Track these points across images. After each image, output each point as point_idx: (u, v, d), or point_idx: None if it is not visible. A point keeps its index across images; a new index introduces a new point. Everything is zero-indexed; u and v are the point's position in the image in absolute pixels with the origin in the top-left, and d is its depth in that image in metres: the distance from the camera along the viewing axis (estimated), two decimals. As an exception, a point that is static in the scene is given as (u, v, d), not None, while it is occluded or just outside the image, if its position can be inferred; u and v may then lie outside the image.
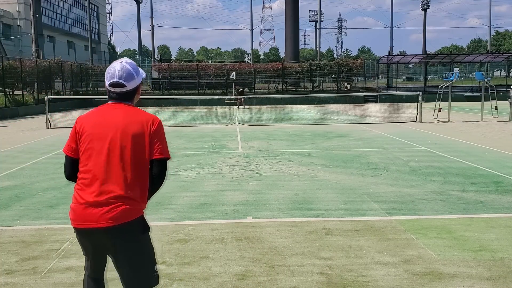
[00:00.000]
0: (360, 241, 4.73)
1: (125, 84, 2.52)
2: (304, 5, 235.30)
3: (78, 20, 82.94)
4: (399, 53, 77.16)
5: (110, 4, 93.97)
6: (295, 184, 7.40)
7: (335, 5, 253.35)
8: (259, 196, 6.66)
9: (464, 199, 6.36)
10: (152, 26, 58.27)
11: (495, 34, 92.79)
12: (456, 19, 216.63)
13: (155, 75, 38.86)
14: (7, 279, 3.90)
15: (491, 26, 61.59)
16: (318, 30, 66.59)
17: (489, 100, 19.84)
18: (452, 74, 21.13)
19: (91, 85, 38.08)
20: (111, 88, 2.54)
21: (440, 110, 19.29)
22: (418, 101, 18.94)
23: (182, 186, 7.37)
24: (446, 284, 3.73)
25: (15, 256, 4.41)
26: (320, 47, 64.99)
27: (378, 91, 36.84)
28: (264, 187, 7.21)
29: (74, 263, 4.19)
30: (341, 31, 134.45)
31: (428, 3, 62.75)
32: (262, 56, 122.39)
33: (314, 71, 37.45)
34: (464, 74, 47.39)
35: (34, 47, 38.01)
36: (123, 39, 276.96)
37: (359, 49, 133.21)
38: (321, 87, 41.08)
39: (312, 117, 22.05)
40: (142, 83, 2.66)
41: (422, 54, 50.37)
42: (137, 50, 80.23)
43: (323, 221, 5.43)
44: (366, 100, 34.52)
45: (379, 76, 42.82)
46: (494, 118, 19.01)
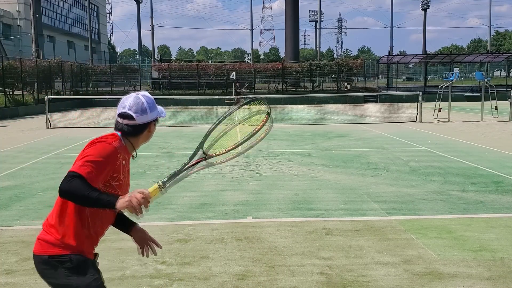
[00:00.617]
0: (360, 241, 4.73)
1: (134, 116, 2.25)
2: (304, 5, 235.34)
3: (78, 20, 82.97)
4: (399, 53, 77.19)
5: (110, 4, 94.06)
6: (295, 184, 7.40)
7: (335, 5, 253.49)
8: (259, 196, 6.66)
9: (464, 199, 6.36)
10: (152, 26, 58.34)
11: (495, 34, 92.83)
12: (456, 19, 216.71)
13: (155, 75, 38.86)
14: (7, 279, 3.90)
15: (491, 26, 61.79)
16: (318, 30, 66.69)
17: (489, 100, 19.85)
18: (452, 74, 21.14)
19: (91, 85, 38.07)
20: (119, 118, 2.29)
21: (440, 110, 19.29)
22: (418, 101, 18.93)
23: (182, 186, 7.36)
24: (446, 284, 3.73)
25: (15, 256, 4.41)
26: (320, 47, 65.14)
27: (378, 91, 36.83)
28: (264, 187, 7.21)
29: (74, 263, 4.18)
30: (341, 31, 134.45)
31: (428, 3, 62.83)
32: (262, 56, 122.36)
33: (314, 71, 37.44)
34: (464, 74, 47.43)
35: (34, 47, 38.02)
36: (123, 39, 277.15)
37: (359, 49, 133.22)
38: (321, 87, 41.07)
39: (312, 117, 22.05)
40: (156, 122, 2.40)
41: (422, 54, 50.38)
42: (137, 50, 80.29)
43: (323, 221, 5.43)
44: (366, 100, 34.51)
45: (379, 76, 42.83)
46: (494, 118, 19.01)
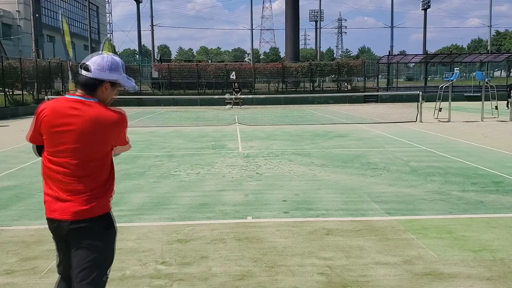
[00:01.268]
0: (360, 241, 4.72)
1: (90, 69, 2.36)
2: (304, 5, 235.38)
3: (78, 20, 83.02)
4: (399, 53, 77.18)
5: (110, 4, 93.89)
6: (295, 184, 7.39)
7: (335, 5, 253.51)
8: (259, 196, 6.65)
9: (464, 199, 6.35)
10: (152, 26, 58.33)
11: (495, 34, 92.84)
12: (456, 19, 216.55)
13: (155, 75, 38.84)
14: (7, 279, 3.90)
15: (491, 26, 61.77)
16: (318, 30, 66.67)
17: (489, 100, 19.84)
18: (453, 74, 21.13)
19: (91, 85, 38.00)
20: (80, 69, 2.41)
21: (440, 110, 19.28)
22: (418, 101, 18.93)
23: (182, 186, 7.36)
24: (446, 284, 3.72)
25: (15, 256, 4.41)
26: (320, 47, 65.12)
27: (378, 91, 36.81)
28: (264, 187, 7.21)
29: (74, 263, 4.18)
30: (341, 31, 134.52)
31: (428, 3, 62.83)
32: (262, 56, 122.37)
33: (314, 71, 37.43)
34: (464, 74, 47.37)
35: (34, 47, 38.03)
36: (123, 39, 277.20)
37: (359, 49, 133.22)
38: (321, 87, 41.07)
39: (312, 117, 22.04)
40: (117, 87, 2.47)
41: (422, 54, 50.37)
42: (137, 50, 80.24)
43: (323, 221, 5.43)
44: (366, 100, 34.50)
45: (379, 76, 42.79)
46: (495, 118, 19.01)
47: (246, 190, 7.01)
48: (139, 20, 63.04)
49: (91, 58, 2.41)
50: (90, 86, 2.39)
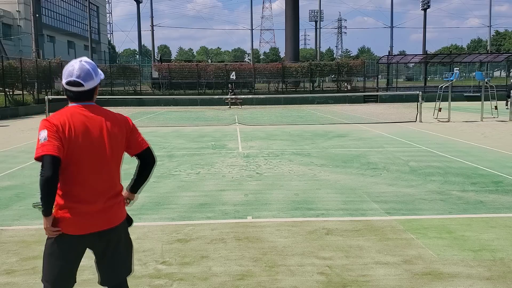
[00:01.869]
0: (360, 241, 4.73)
1: (82, 83, 2.46)
2: (304, 5, 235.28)
3: (78, 20, 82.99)
4: (399, 53, 77.16)
5: (110, 4, 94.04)
6: (295, 184, 7.40)
7: (335, 5, 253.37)
8: (259, 196, 6.66)
9: (464, 199, 6.36)
10: (152, 26, 58.31)
11: (495, 34, 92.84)
12: (456, 19, 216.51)
13: (155, 75, 38.81)
14: (7, 279, 3.90)
15: (491, 26, 61.72)
16: (318, 30, 66.64)
17: (489, 100, 19.85)
18: (452, 74, 21.12)
19: (91, 85, 38.01)
20: (67, 86, 2.48)
21: (440, 110, 19.29)
22: (418, 101, 18.94)
23: (182, 186, 7.37)
24: (446, 284, 3.73)
25: (15, 256, 4.41)
26: (320, 47, 65.08)
27: (378, 91, 36.81)
28: (264, 187, 7.21)
29: (74, 263, 4.18)
30: (341, 31, 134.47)
31: (428, 3, 62.79)
32: (262, 56, 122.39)
33: (314, 71, 37.43)
34: (464, 74, 47.38)
35: (34, 47, 37.98)
36: (123, 39, 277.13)
37: (359, 49, 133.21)
38: (321, 87, 41.06)
39: (312, 117, 22.05)
40: (100, 84, 2.61)
41: (422, 54, 50.38)
42: (137, 50, 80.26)
43: (323, 221, 5.43)
44: (366, 100, 34.49)
45: (379, 76, 42.81)
46: (494, 118, 19.01)
47: (246, 190, 7.01)
48: (139, 20, 63.10)
49: (75, 71, 2.46)
50: (89, 97, 2.54)
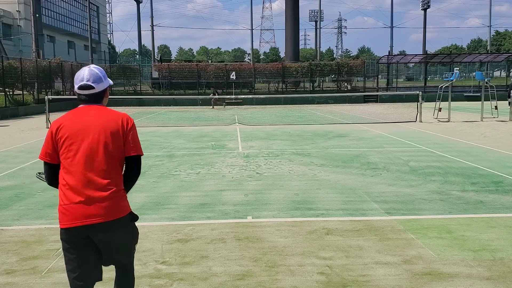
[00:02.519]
0: (360, 241, 4.73)
1: (93, 86, 2.64)
2: (304, 5, 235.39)
3: (78, 20, 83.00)
4: (399, 53, 77.22)
5: (110, 4, 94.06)
6: (295, 184, 7.40)
7: (335, 5, 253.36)
8: (259, 196, 6.66)
9: (464, 199, 6.36)
10: (152, 26, 58.30)
11: (495, 34, 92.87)
12: (456, 19, 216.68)
13: (155, 75, 38.82)
14: (7, 279, 3.90)
15: (491, 26, 61.71)
16: (318, 30, 66.63)
17: (489, 100, 19.85)
18: (452, 74, 21.12)
19: (91, 85, 38.00)
20: (80, 90, 2.65)
21: (440, 110, 19.29)
22: (418, 101, 18.94)
23: (182, 186, 7.37)
24: (446, 284, 3.73)
25: (15, 256, 4.41)
26: (320, 47, 65.07)
27: (378, 91, 36.81)
28: (264, 187, 7.21)
29: (74, 263, 4.18)
30: (341, 31, 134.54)
31: (428, 3, 62.78)
32: (262, 56, 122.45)
33: (314, 71, 37.44)
34: (464, 74, 47.39)
35: (34, 47, 37.98)
36: (123, 39, 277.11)
37: (359, 49, 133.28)
38: (321, 87, 41.08)
39: (312, 117, 22.05)
40: (110, 88, 2.79)
41: (422, 54, 50.35)
42: (137, 50, 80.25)
43: (323, 221, 5.43)
44: (366, 100, 34.50)
45: (379, 76, 42.80)
46: (494, 118, 19.01)
47: (246, 190, 7.01)
48: (139, 20, 63.06)
49: (85, 76, 2.66)
50: (100, 99, 2.72)
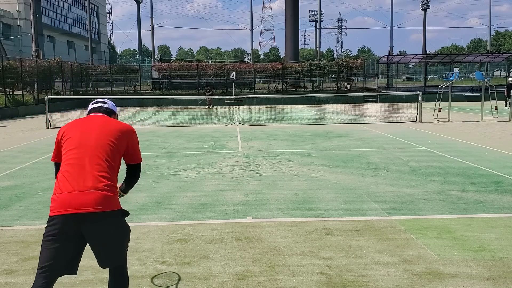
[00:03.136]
0: (360, 241, 4.73)
1: (106, 102, 3.16)
2: (304, 5, 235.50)
3: (78, 20, 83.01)
4: (399, 53, 77.16)
5: (110, 4, 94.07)
6: (295, 184, 7.40)
7: (335, 5, 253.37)
8: (259, 196, 6.66)
9: (464, 199, 6.36)
10: (152, 26, 58.28)
11: (495, 34, 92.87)
12: (456, 19, 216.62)
13: (155, 75, 38.83)
14: (7, 279, 3.90)
15: (491, 26, 61.67)
16: (318, 30, 66.64)
17: (489, 100, 19.85)
18: (452, 74, 21.12)
19: (91, 85, 38.07)
20: (93, 105, 3.14)
21: (440, 110, 19.29)
22: (418, 101, 18.94)
23: (182, 186, 7.37)
24: (446, 284, 3.73)
25: (15, 256, 4.41)
26: (320, 47, 65.09)
27: (378, 91, 36.80)
28: (264, 187, 7.21)
29: (74, 263, 4.18)
30: (341, 31, 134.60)
31: (428, 3, 62.78)
32: (262, 56, 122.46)
33: (314, 71, 37.44)
34: (464, 74, 47.41)
35: (34, 47, 38.00)
36: (123, 39, 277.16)
37: (359, 49, 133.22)
38: (321, 87, 41.07)
39: (312, 117, 22.05)
40: (116, 116, 3.18)
41: (422, 54, 50.35)
42: (137, 50, 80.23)
43: (323, 221, 5.43)
44: (366, 100, 34.51)
45: (379, 76, 42.79)
46: (494, 118, 19.02)
47: (246, 190, 7.01)
48: (139, 20, 63.03)
49: (102, 100, 3.23)
50: (109, 115, 3.12)
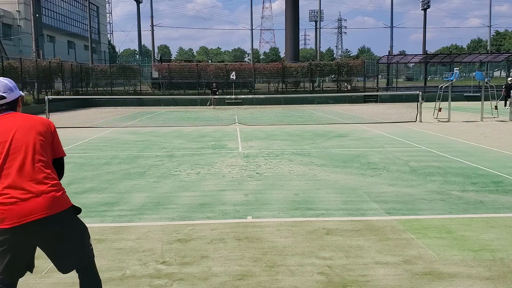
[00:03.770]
0: (360, 241, 4.73)
1: (5, 96, 2.76)
2: (304, 5, 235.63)
3: (78, 20, 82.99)
4: (399, 53, 77.20)
5: (110, 4, 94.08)
6: (295, 184, 7.40)
7: (335, 5, 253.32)
8: (259, 196, 6.66)
9: (464, 199, 6.36)
10: (152, 26, 58.32)
11: (495, 34, 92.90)
12: (456, 19, 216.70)
13: (155, 75, 38.81)
14: (7, 279, 3.89)
15: (491, 26, 61.69)
16: (318, 30, 66.66)
17: (489, 100, 19.85)
18: (452, 74, 21.13)
19: (91, 85, 38.07)
20: None
21: (440, 110, 19.29)
22: (418, 101, 18.94)
23: (182, 186, 7.37)
24: (446, 284, 3.73)
25: (15, 256, 4.40)
26: (320, 47, 65.12)
27: (378, 91, 36.82)
28: (264, 187, 7.21)
29: (74, 263, 4.18)
30: (341, 31, 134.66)
31: (428, 3, 62.80)
32: (262, 56, 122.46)
33: (314, 71, 37.44)
34: (464, 74, 47.41)
35: (34, 47, 38.00)
36: (123, 39, 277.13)
37: (359, 49, 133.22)
38: (321, 87, 41.06)
39: (312, 117, 22.05)
40: (22, 99, 2.91)
41: (422, 54, 50.37)
42: (137, 50, 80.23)
43: (323, 221, 5.43)
44: (366, 100, 34.52)
45: (379, 76, 42.80)
46: (494, 118, 19.02)
47: (246, 190, 7.01)
48: (139, 20, 63.06)
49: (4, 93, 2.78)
50: (13, 108, 2.81)
